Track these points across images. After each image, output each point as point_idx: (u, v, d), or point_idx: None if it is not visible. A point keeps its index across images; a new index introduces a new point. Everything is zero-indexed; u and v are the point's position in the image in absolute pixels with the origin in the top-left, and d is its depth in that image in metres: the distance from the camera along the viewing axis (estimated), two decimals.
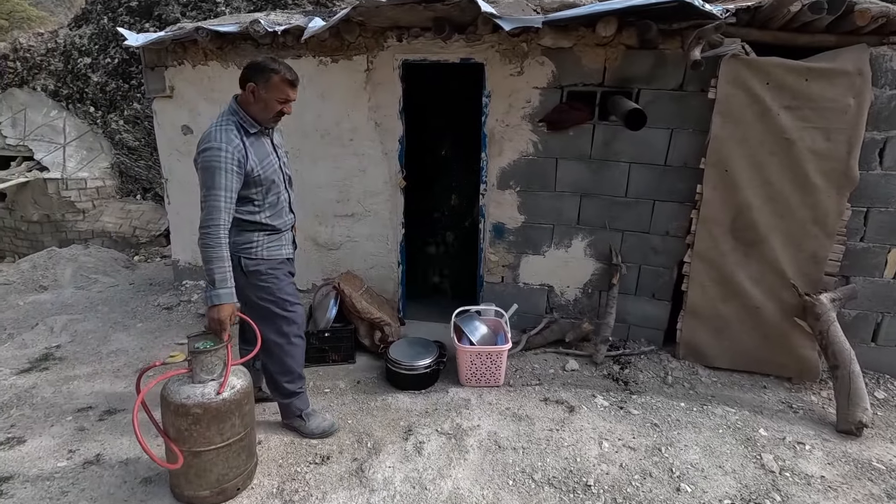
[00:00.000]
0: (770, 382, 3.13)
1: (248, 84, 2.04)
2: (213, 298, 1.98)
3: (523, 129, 3.31)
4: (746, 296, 3.10)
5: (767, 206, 2.97)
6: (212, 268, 1.98)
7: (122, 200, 7.18)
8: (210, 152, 1.97)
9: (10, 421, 2.59)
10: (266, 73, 2.03)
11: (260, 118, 2.10)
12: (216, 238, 1.97)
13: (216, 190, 1.96)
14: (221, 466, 2.04)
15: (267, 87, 2.03)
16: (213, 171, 1.96)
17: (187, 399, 1.93)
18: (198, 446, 1.97)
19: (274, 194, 2.21)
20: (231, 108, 2.09)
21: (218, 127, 2.03)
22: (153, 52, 3.83)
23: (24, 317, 4.19)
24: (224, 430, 2.01)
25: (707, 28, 2.72)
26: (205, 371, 1.98)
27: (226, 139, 1.98)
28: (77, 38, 7.48)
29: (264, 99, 2.05)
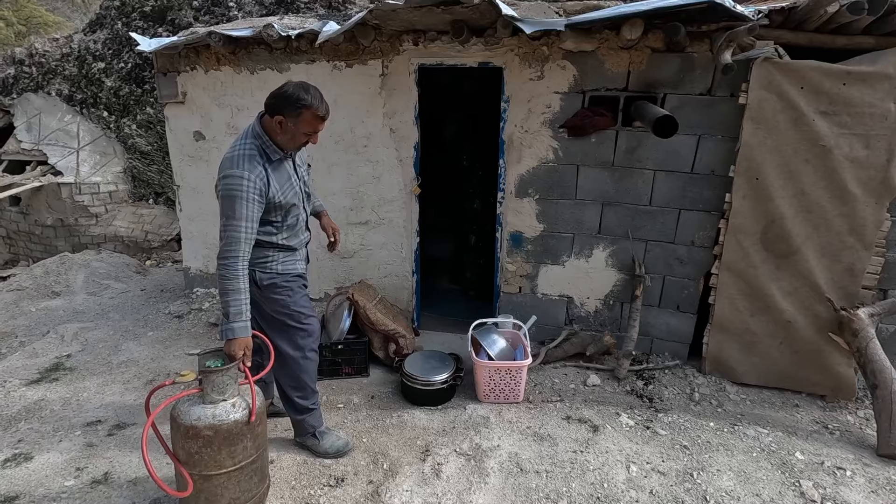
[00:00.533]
0: (802, 400, 2.99)
1: (276, 116, 1.93)
2: (227, 332, 1.92)
3: (543, 135, 3.21)
4: (778, 309, 2.96)
5: (801, 216, 2.84)
6: (227, 300, 1.91)
7: (134, 205, 7.18)
8: (232, 180, 1.88)
9: (18, 435, 2.54)
10: (297, 108, 1.91)
11: (284, 146, 2.01)
12: (234, 270, 1.90)
13: (237, 220, 1.89)
14: (233, 491, 1.95)
15: (297, 122, 1.93)
16: (234, 199, 1.88)
17: (198, 421, 1.85)
18: (208, 470, 1.89)
19: (293, 216, 2.14)
20: (255, 132, 1.98)
21: (241, 153, 1.93)
22: (165, 58, 3.78)
23: (35, 324, 4.16)
24: (236, 454, 1.92)
25: (738, 30, 2.60)
26: (216, 391, 1.90)
27: (248, 167, 1.90)
28: (91, 43, 7.50)
29: (292, 132, 1.95)
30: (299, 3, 6.95)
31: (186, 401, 1.90)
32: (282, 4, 6.98)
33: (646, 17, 2.71)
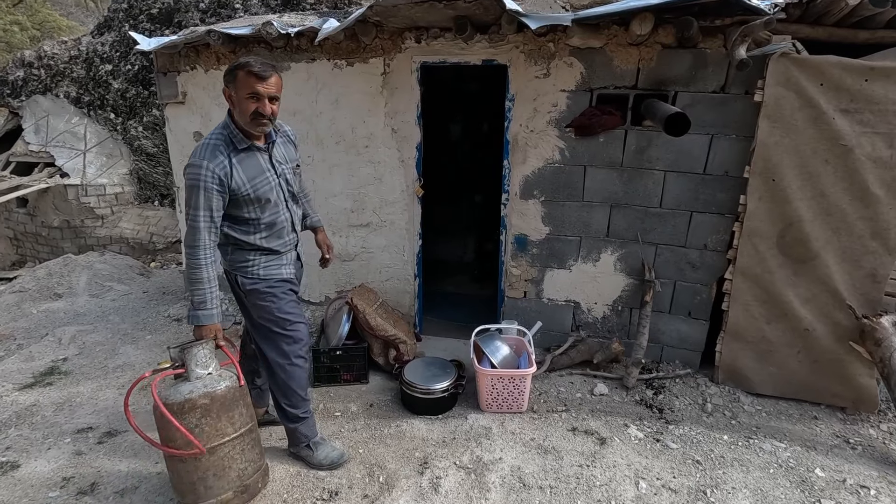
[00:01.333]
0: (821, 412, 2.85)
1: (224, 89, 1.90)
2: (192, 319, 1.93)
3: (549, 135, 3.10)
4: (795, 317, 2.83)
5: (820, 219, 2.70)
6: (192, 289, 1.91)
7: (139, 206, 7.17)
8: (192, 170, 1.87)
9: (7, 442, 2.48)
10: (233, 71, 1.86)
11: (247, 127, 1.92)
12: (197, 259, 1.90)
13: (196, 210, 1.87)
14: (240, 460, 1.94)
15: (236, 86, 1.86)
16: (193, 189, 1.87)
17: (190, 394, 1.84)
18: (211, 441, 1.86)
19: (271, 214, 2.05)
20: (224, 122, 1.96)
21: (206, 143, 1.92)
22: (166, 57, 3.73)
23: (35, 326, 4.12)
24: (234, 419, 1.92)
25: (754, 24, 2.48)
26: (200, 366, 1.90)
27: (209, 156, 1.87)
28: (99, 46, 7.52)
29: (237, 101, 1.88)
30: (305, 4, 6.91)
31: (171, 386, 1.89)
32: (288, 5, 6.94)
33: (656, 12, 2.60)
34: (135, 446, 2.44)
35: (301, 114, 3.52)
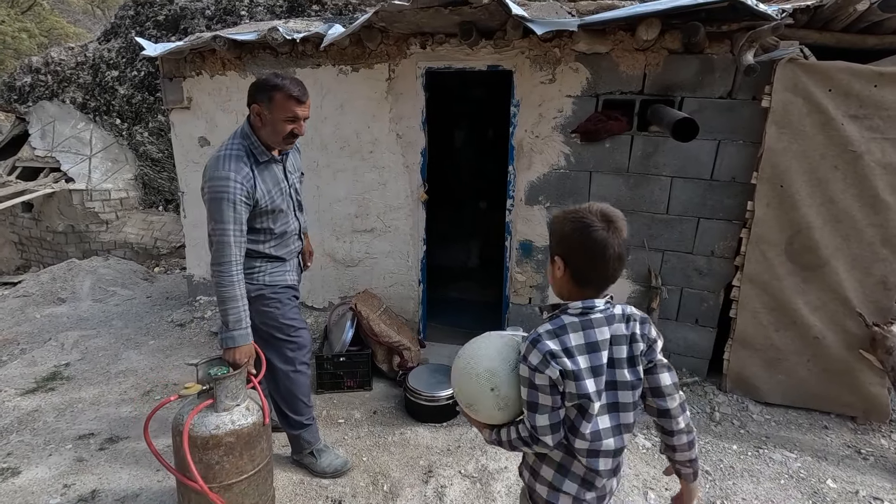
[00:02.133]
0: (831, 422, 2.80)
1: (253, 106, 1.85)
2: (227, 341, 1.84)
3: (554, 141, 3.09)
4: (805, 325, 2.79)
5: (829, 225, 2.67)
6: (225, 308, 1.83)
7: (144, 212, 7.19)
8: (218, 182, 1.79)
9: (8, 448, 2.46)
10: (268, 91, 1.82)
11: (271, 142, 1.91)
12: (229, 276, 1.82)
13: (225, 224, 1.80)
14: (253, 495, 1.89)
15: (271, 107, 1.83)
16: (221, 202, 1.79)
17: (217, 430, 1.77)
18: (229, 479, 1.81)
19: (282, 224, 2.03)
20: (243, 132, 1.90)
21: (227, 153, 1.84)
22: (171, 63, 3.75)
23: (38, 331, 4.12)
24: (255, 456, 1.87)
25: (761, 30, 2.47)
26: (230, 397, 1.82)
27: (234, 167, 1.81)
28: (105, 52, 7.58)
29: (271, 121, 1.85)
30: (310, 12, 6.95)
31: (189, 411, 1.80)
32: (293, 12, 6.99)
33: (663, 17, 2.59)
34: (136, 453, 2.42)
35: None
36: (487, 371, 1.19)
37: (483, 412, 1.22)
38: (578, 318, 1.15)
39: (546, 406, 1.12)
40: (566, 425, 1.15)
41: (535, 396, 1.12)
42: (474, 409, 1.23)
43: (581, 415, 1.13)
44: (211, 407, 1.82)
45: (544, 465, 1.22)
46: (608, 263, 1.12)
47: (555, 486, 1.20)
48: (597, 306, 1.15)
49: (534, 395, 1.12)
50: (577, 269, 1.15)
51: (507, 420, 1.22)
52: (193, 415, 1.74)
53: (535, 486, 1.24)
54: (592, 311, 1.15)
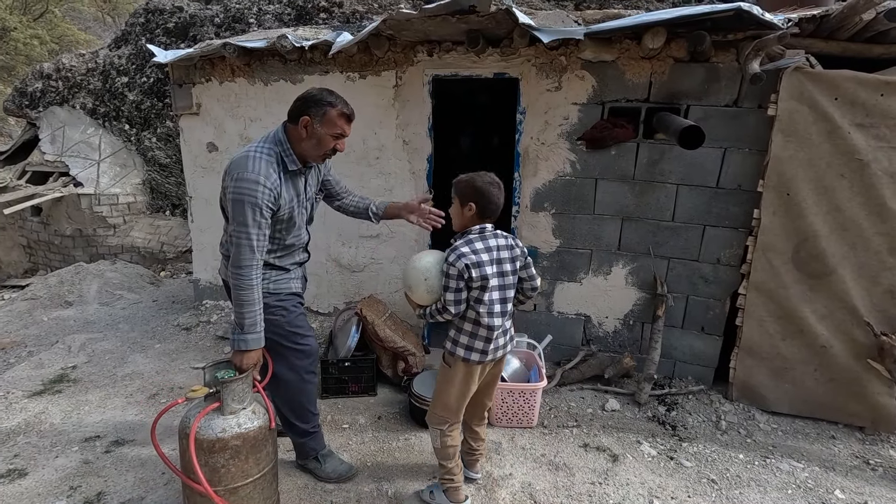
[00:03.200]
0: (839, 432, 2.78)
1: (302, 118, 1.84)
2: (239, 343, 1.83)
3: (560, 148, 3.10)
4: (811, 333, 2.78)
5: (836, 234, 2.67)
6: (242, 311, 1.83)
7: (151, 216, 7.24)
8: (246, 185, 1.76)
9: (16, 449, 2.47)
10: (322, 107, 1.84)
11: (309, 155, 1.92)
12: (249, 280, 1.82)
13: (249, 228, 1.78)
14: (257, 499, 1.89)
15: (322, 122, 1.85)
16: (246, 205, 1.77)
17: (223, 433, 1.77)
18: (235, 482, 1.81)
19: (293, 237, 2.04)
20: (276, 138, 1.89)
21: (258, 155, 1.82)
22: (181, 69, 3.79)
23: (45, 333, 4.14)
24: (260, 460, 1.87)
25: (767, 39, 2.48)
26: (236, 401, 1.83)
27: (264, 172, 1.79)
28: (116, 59, 7.68)
29: (318, 135, 1.86)
30: (317, 20, 7.02)
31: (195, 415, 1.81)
32: (301, 20, 7.06)
33: (669, 26, 2.61)
34: (141, 456, 2.43)
35: None
36: (424, 268, 1.89)
37: (416, 294, 1.92)
38: (478, 234, 1.90)
39: (452, 288, 1.83)
40: (472, 300, 1.87)
41: (448, 283, 1.84)
42: (412, 291, 1.92)
43: (482, 290, 1.85)
44: (217, 410, 1.82)
45: (461, 335, 1.93)
46: (498, 205, 1.91)
47: (468, 346, 1.92)
48: (487, 227, 1.92)
49: (447, 282, 1.84)
50: (483, 209, 1.89)
51: (432, 302, 1.92)
52: (200, 418, 1.75)
53: (456, 349, 1.93)
54: (486, 230, 1.91)
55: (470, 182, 1.90)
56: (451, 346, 1.95)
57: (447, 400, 1.98)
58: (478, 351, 1.91)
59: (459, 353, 1.92)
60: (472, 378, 1.96)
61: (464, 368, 1.93)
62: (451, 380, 1.96)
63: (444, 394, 1.99)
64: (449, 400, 1.98)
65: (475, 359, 1.91)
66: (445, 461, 2.04)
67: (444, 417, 2.00)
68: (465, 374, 1.94)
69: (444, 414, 2.00)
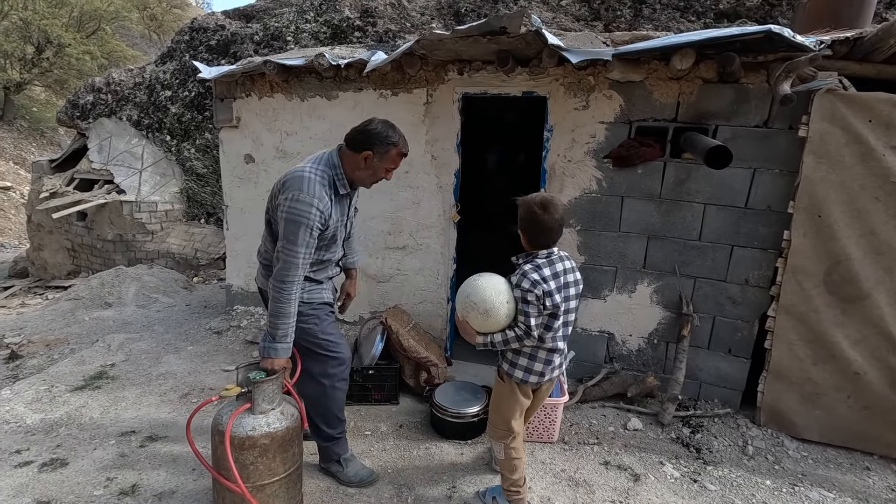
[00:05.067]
0: (874, 463, 2.68)
1: (365, 151, 1.97)
2: (269, 351, 1.94)
3: (586, 165, 3.14)
4: (844, 359, 2.70)
5: (870, 257, 2.61)
6: (277, 322, 1.93)
7: (187, 224, 7.53)
8: (301, 206, 1.87)
9: (58, 440, 2.61)
10: (387, 145, 1.99)
11: (361, 182, 2.06)
12: (289, 294, 1.93)
13: (298, 247, 1.90)
14: (282, 498, 1.97)
15: (382, 158, 2.00)
16: (299, 226, 1.88)
17: (253, 431, 1.86)
18: (262, 479, 1.89)
19: (331, 252, 2.15)
20: (330, 161, 2.00)
21: (314, 177, 1.92)
22: (224, 85, 4.00)
23: (87, 332, 4.35)
24: (287, 459, 1.95)
25: (799, 60, 2.48)
26: (266, 401, 1.92)
27: (318, 195, 1.90)
28: (161, 74, 8.10)
29: (375, 167, 2.01)
30: (351, 38, 7.28)
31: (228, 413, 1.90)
32: (335, 39, 7.33)
33: (698, 48, 2.63)
34: (173, 452, 2.53)
35: None
36: (504, 289, 1.86)
37: (492, 319, 1.84)
38: (546, 259, 1.89)
39: (534, 314, 1.83)
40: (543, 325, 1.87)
41: (528, 308, 1.82)
42: (489, 315, 1.84)
43: (553, 318, 1.88)
44: (248, 409, 1.91)
45: (520, 357, 1.95)
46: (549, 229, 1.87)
47: (527, 369, 1.95)
48: (553, 252, 1.91)
49: (528, 306, 1.82)
50: (533, 238, 1.90)
51: (500, 329, 1.88)
52: (235, 416, 1.83)
53: (514, 371, 1.96)
54: (552, 255, 1.91)
55: (521, 206, 1.90)
56: (508, 368, 1.97)
57: (507, 415, 2.02)
58: (536, 373, 1.94)
59: (518, 376, 1.95)
60: (528, 395, 2.02)
61: (520, 387, 1.98)
62: (508, 396, 2.00)
63: (504, 409, 2.02)
64: (509, 415, 2.01)
65: (533, 380, 1.95)
66: (511, 473, 2.06)
67: (506, 431, 2.03)
68: (522, 392, 2.00)
69: (506, 428, 2.03)
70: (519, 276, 1.84)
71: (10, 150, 14.97)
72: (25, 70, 15.27)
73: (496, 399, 2.07)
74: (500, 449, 2.06)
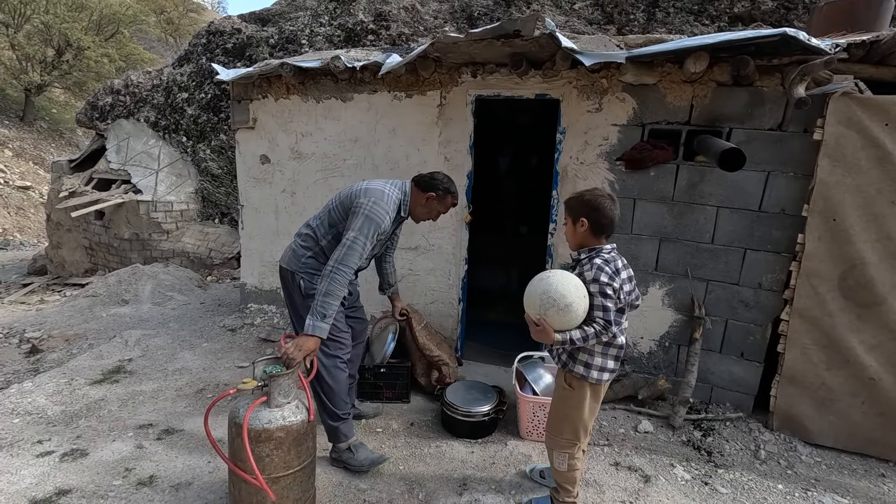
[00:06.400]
0: (889, 470, 2.65)
1: (429, 193, 2.32)
2: (315, 328, 2.06)
3: (599, 168, 3.15)
4: (859, 365, 2.68)
5: (887, 262, 2.59)
6: (331, 302, 2.08)
7: (201, 223, 7.65)
8: (379, 209, 2.17)
9: (78, 431, 2.67)
10: (447, 195, 2.35)
11: (414, 215, 2.40)
12: (344, 276, 2.11)
13: (364, 239, 2.14)
14: (297, 490, 2.00)
15: (440, 203, 2.36)
16: (371, 224, 2.15)
17: (269, 424, 1.90)
18: (277, 472, 1.93)
19: (365, 260, 2.35)
20: (404, 189, 2.35)
21: (393, 195, 2.27)
22: (241, 87, 4.07)
23: (104, 328, 4.44)
24: (302, 453, 1.98)
25: (814, 63, 2.48)
26: (282, 395, 1.96)
27: (392, 208, 2.24)
28: (178, 76, 8.24)
29: (431, 207, 2.36)
30: (365, 41, 7.35)
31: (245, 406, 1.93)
32: (349, 42, 7.41)
33: (711, 51, 2.64)
34: (189, 445, 2.58)
35: (360, 141, 3.73)
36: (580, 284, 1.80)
37: (571, 314, 1.77)
38: (610, 254, 1.87)
39: (613, 309, 1.79)
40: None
41: (606, 302, 1.79)
42: (568, 311, 1.76)
43: (620, 313, 1.85)
44: (264, 403, 1.95)
45: (594, 357, 1.91)
46: (611, 218, 1.87)
47: (602, 367, 1.91)
48: (614, 247, 1.91)
49: (605, 301, 1.79)
50: (595, 223, 1.86)
51: (577, 325, 1.80)
52: (252, 408, 1.87)
53: (590, 373, 1.91)
54: (614, 250, 1.91)
55: (579, 197, 1.91)
56: (583, 370, 1.91)
57: (578, 423, 1.97)
58: (608, 371, 1.92)
59: (594, 376, 1.89)
60: (598, 397, 1.98)
61: (592, 389, 1.93)
62: (580, 402, 1.94)
63: (575, 416, 1.96)
64: (579, 422, 1.96)
65: (606, 378, 1.93)
66: (570, 485, 2.05)
67: (572, 441, 1.99)
68: (594, 394, 1.95)
69: (574, 438, 1.99)
70: (595, 270, 1.80)
71: (31, 150, 15.31)
72: (46, 72, 15.61)
73: (564, 407, 1.98)
74: (563, 460, 1.99)
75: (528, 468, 2.45)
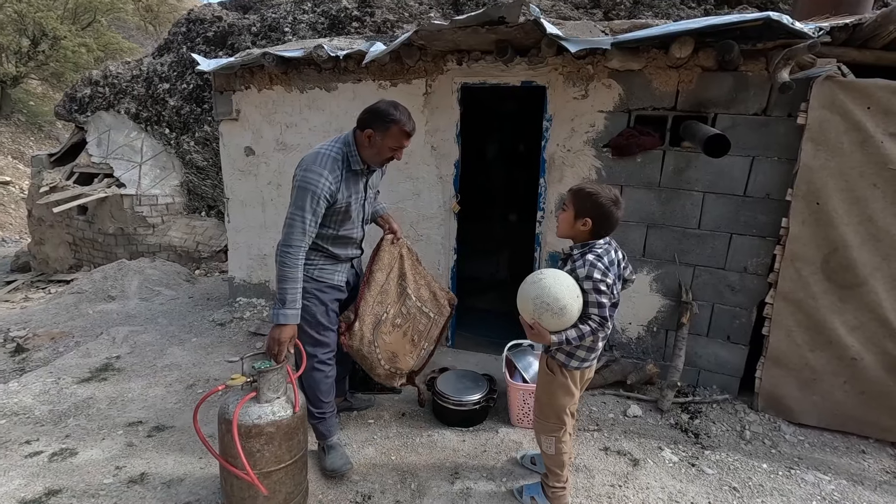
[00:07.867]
0: (870, 447, 2.72)
1: (367, 129, 2.06)
2: (279, 317, 2.00)
3: (586, 155, 3.15)
4: (841, 345, 2.74)
5: (869, 244, 2.63)
6: (285, 287, 2.01)
7: (188, 217, 7.55)
8: (311, 175, 2.00)
9: (67, 430, 2.65)
10: (386, 123, 2.04)
11: (369, 160, 2.13)
12: (294, 258, 2.01)
13: (303, 212, 2.00)
14: (288, 485, 2.01)
15: (384, 136, 2.06)
16: (307, 192, 1.99)
17: (259, 419, 1.89)
18: (268, 467, 1.93)
19: (346, 229, 2.21)
20: (346, 140, 2.13)
21: (327, 153, 2.06)
22: (223, 77, 3.99)
23: (91, 325, 4.39)
24: (293, 447, 1.98)
25: (798, 48, 2.48)
26: (271, 390, 1.95)
27: (329, 167, 2.03)
28: (159, 66, 8.06)
29: (379, 145, 2.08)
30: (349, 29, 7.23)
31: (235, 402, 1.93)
32: (333, 30, 7.29)
33: (696, 36, 2.63)
34: (180, 441, 2.57)
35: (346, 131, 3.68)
36: (573, 283, 1.79)
37: (567, 316, 1.76)
38: (603, 248, 1.87)
39: (607, 304, 1.79)
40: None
41: (601, 298, 1.78)
42: (564, 313, 1.75)
43: (613, 306, 1.85)
44: (254, 398, 1.94)
45: (579, 349, 1.92)
46: (614, 226, 1.88)
47: (584, 358, 1.94)
48: (610, 241, 1.93)
49: (600, 297, 1.78)
50: (598, 228, 1.86)
51: (570, 325, 1.79)
52: (241, 405, 1.87)
53: (570, 362, 1.94)
54: (610, 244, 1.92)
55: (592, 197, 1.84)
56: (565, 359, 1.94)
57: (559, 407, 2.00)
58: (590, 360, 1.96)
59: (574, 365, 1.94)
60: (577, 383, 2.00)
61: (570, 374, 1.96)
62: (560, 387, 1.98)
63: (556, 401, 1.99)
64: (561, 407, 2.00)
65: (586, 366, 1.96)
66: (559, 468, 2.07)
67: (557, 424, 2.02)
68: (573, 379, 1.98)
69: (558, 421, 2.02)
70: (588, 267, 1.79)
71: (8, 144, 14.94)
72: (21, 63, 15.18)
73: (547, 392, 2.03)
74: (551, 444, 2.03)
75: (519, 455, 2.49)
